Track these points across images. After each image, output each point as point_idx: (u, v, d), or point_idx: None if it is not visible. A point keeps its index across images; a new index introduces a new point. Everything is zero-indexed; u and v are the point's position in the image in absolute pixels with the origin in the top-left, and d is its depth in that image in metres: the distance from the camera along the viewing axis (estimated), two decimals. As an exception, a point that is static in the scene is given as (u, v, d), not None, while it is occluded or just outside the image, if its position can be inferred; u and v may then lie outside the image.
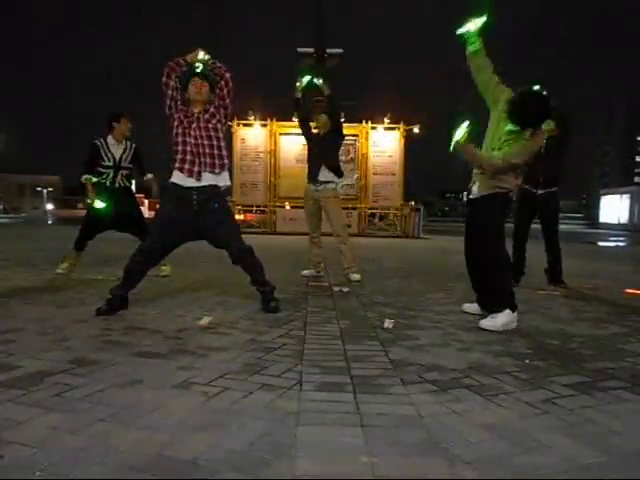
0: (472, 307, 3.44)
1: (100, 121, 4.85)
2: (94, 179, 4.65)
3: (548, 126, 4.62)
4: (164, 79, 3.22)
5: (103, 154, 4.66)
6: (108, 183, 4.68)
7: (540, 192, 4.75)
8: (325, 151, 5.06)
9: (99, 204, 4.60)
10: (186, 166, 3.21)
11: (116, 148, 4.71)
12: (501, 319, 2.96)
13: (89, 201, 4.65)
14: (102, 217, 4.68)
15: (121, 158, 4.72)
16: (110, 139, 4.70)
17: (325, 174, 5.02)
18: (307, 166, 5.23)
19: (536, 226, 4.97)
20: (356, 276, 4.98)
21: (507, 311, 2.98)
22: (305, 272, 5.17)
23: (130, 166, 4.79)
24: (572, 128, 4.84)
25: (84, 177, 4.63)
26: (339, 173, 5.13)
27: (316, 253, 5.19)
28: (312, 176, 5.08)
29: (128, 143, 4.80)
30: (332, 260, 5.63)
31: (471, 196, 3.26)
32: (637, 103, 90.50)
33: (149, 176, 4.90)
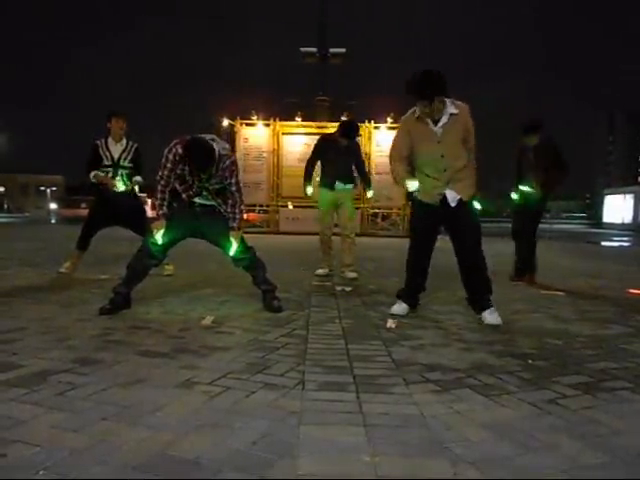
0: (401, 308, 3.33)
1: (101, 121, 4.83)
2: (101, 173, 4.65)
3: (530, 140, 4.94)
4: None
5: (102, 154, 4.65)
6: (120, 186, 4.66)
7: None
8: (341, 163, 5.12)
9: (120, 185, 4.63)
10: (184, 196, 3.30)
11: (115, 147, 4.68)
12: (496, 311, 3.13)
13: (113, 188, 4.62)
14: (104, 213, 4.69)
15: (120, 157, 4.68)
16: (110, 139, 4.70)
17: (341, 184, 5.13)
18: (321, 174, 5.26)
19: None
20: (352, 274, 5.01)
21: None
22: (320, 271, 5.21)
23: (131, 165, 4.74)
24: (556, 151, 4.95)
25: (92, 174, 4.63)
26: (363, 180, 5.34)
27: (330, 252, 5.24)
28: (330, 184, 5.14)
29: (130, 142, 4.76)
30: (335, 260, 5.62)
31: (452, 203, 3.12)
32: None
33: (137, 179, 4.77)
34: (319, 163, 5.28)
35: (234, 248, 3.34)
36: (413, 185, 3.17)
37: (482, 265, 3.19)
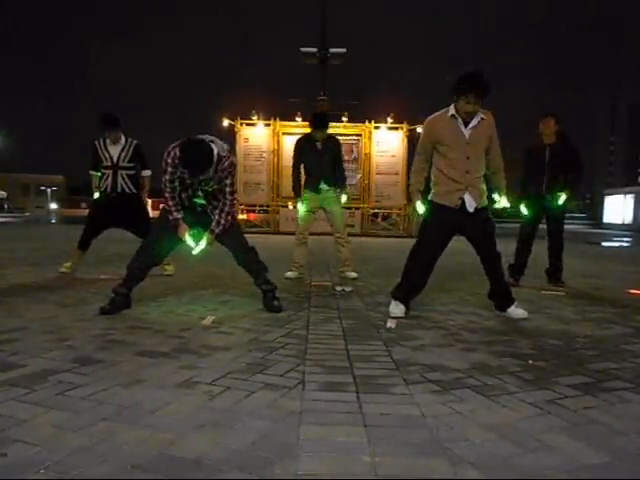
0: (398, 309, 3.26)
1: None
2: (99, 174, 4.73)
3: (547, 127, 4.74)
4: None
5: (101, 154, 4.64)
6: (109, 189, 4.66)
7: (546, 194, 4.77)
8: (324, 164, 4.98)
9: (96, 195, 4.76)
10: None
11: (113, 148, 4.66)
12: (519, 306, 3.33)
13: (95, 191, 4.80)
14: (104, 214, 4.70)
15: (119, 157, 4.64)
16: (108, 140, 4.67)
17: (325, 186, 5.02)
18: (305, 177, 5.12)
19: (542, 226, 4.97)
20: (352, 274, 4.99)
21: None
22: (289, 274, 4.93)
23: (132, 165, 4.69)
24: (573, 144, 4.87)
25: (91, 172, 4.80)
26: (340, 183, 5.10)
27: (304, 253, 5.06)
28: (314, 187, 5.02)
29: (128, 140, 4.71)
30: (335, 260, 5.62)
31: (470, 209, 3.13)
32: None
33: (147, 172, 4.84)
34: (302, 167, 5.12)
35: (200, 246, 3.28)
36: (420, 208, 3.27)
37: (501, 269, 3.36)
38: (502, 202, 3.36)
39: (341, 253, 5.11)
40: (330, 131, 5.21)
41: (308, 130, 5.08)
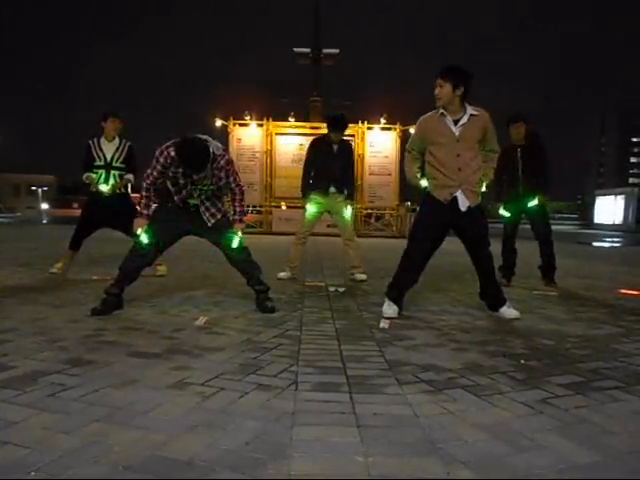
0: (391, 310, 3.26)
1: (95, 120, 4.79)
2: (94, 175, 4.64)
3: (518, 133, 4.80)
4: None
5: (94, 154, 4.61)
6: (103, 188, 4.62)
7: (524, 195, 4.82)
8: (335, 166, 4.95)
9: (103, 187, 4.61)
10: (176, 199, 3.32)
11: (107, 147, 4.63)
12: (511, 306, 3.34)
13: (93, 188, 4.63)
14: (96, 214, 4.66)
15: (113, 157, 4.62)
16: (102, 139, 4.65)
17: (334, 189, 5.00)
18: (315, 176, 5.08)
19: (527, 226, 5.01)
20: (362, 276, 4.98)
21: None
22: (282, 274, 4.92)
23: (124, 166, 4.68)
24: (543, 143, 4.95)
25: (85, 175, 4.66)
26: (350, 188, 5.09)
27: (300, 253, 5.06)
28: (323, 188, 5.00)
29: (123, 141, 4.70)
30: (328, 260, 5.63)
31: (462, 207, 3.13)
32: (631, 104, 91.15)
33: (129, 176, 4.73)
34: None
35: (237, 240, 3.37)
36: (424, 182, 3.28)
37: (492, 269, 3.35)
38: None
39: (349, 256, 5.10)
40: (322, 131, 5.23)
41: (304, 130, 5.10)
